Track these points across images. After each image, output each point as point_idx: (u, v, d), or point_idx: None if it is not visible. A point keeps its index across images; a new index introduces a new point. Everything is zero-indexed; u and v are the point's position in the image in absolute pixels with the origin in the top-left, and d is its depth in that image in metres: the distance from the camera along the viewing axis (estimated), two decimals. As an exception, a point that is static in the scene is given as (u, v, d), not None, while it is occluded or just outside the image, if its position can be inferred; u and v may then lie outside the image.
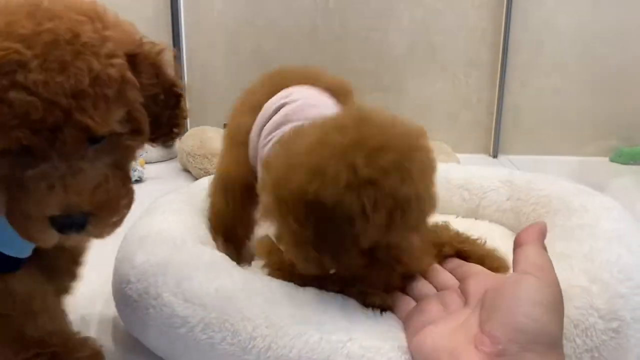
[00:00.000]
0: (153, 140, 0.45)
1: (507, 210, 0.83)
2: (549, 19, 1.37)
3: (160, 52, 0.43)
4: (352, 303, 0.48)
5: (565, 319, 0.45)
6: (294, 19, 1.44)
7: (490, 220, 0.85)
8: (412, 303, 0.50)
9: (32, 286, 0.48)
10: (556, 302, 0.41)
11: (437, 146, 1.26)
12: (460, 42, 1.41)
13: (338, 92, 0.68)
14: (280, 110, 0.62)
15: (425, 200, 0.45)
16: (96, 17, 0.39)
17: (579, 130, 1.44)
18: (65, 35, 0.36)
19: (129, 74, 0.39)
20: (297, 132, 0.49)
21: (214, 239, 0.66)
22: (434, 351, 0.41)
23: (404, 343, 0.45)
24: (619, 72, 1.39)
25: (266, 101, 0.65)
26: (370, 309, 0.49)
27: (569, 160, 1.40)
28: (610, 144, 1.43)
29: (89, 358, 0.49)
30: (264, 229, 0.59)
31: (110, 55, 0.38)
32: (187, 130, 1.37)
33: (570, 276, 0.51)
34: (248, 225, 0.70)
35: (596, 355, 0.47)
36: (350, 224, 0.43)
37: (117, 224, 0.41)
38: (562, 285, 0.48)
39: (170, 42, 1.43)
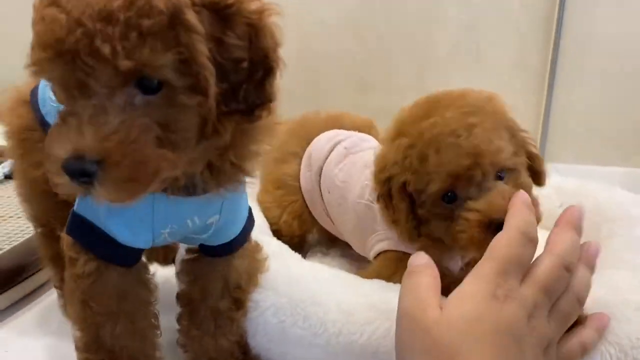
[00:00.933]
0: (227, 113, 0.36)
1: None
2: (600, 25, 1.35)
3: (264, 13, 0.36)
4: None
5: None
6: (339, 17, 1.46)
7: (541, 227, 0.85)
8: None
9: (129, 288, 0.45)
10: None
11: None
12: (508, 44, 1.40)
13: (365, 129, 0.75)
14: (337, 147, 0.69)
15: (462, 141, 0.48)
16: None
17: (628, 140, 1.39)
18: None
19: (190, 16, 0.32)
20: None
21: None
22: None
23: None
24: (671, 80, 1.36)
25: (300, 150, 0.73)
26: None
27: (617, 170, 1.37)
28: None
29: None
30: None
31: None
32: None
33: None
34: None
35: None
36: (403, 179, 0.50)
37: (135, 190, 0.34)
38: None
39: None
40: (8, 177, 1.01)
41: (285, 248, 0.58)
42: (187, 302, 0.50)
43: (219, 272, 0.49)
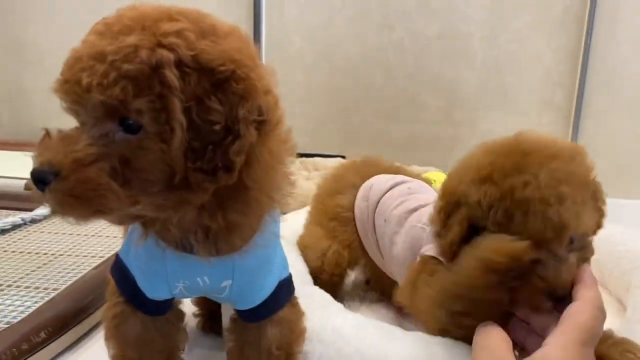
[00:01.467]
0: (193, 169, 0.37)
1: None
2: (625, 64, 1.37)
3: (254, 88, 0.38)
4: (463, 347, 0.51)
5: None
6: (368, 55, 1.50)
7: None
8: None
9: (149, 337, 0.49)
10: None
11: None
12: (535, 83, 1.43)
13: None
14: (399, 186, 0.72)
15: (550, 211, 0.47)
16: (206, 27, 0.38)
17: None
18: (139, 16, 0.37)
19: (168, 72, 0.35)
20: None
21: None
22: None
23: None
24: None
25: (358, 181, 0.76)
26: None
27: (644, 205, 1.38)
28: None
29: None
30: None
31: (162, 45, 0.36)
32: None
33: None
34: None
35: None
36: (475, 215, 0.50)
37: (75, 206, 0.36)
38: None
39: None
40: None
41: (328, 299, 0.61)
42: (232, 341, 0.52)
43: (252, 339, 0.50)
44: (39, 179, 0.36)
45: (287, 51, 1.53)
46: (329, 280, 0.71)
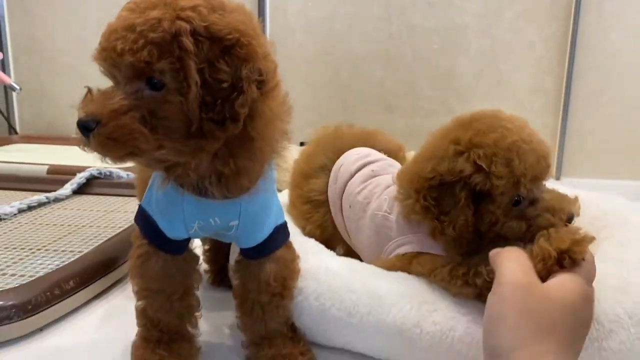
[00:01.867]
0: (206, 119, 0.44)
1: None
2: (611, 50, 1.44)
3: (255, 52, 0.45)
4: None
5: (621, 311, 0.54)
6: (369, 48, 1.58)
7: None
8: None
9: (170, 273, 0.56)
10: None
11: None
12: (526, 71, 1.50)
13: (395, 151, 0.81)
14: (364, 169, 0.74)
15: (534, 146, 0.55)
16: (216, 3, 0.45)
17: (639, 156, 1.48)
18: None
19: (185, 39, 0.43)
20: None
21: None
22: None
23: (479, 318, 0.55)
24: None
25: (329, 163, 0.77)
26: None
27: (630, 184, 1.44)
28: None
29: (187, 354, 0.58)
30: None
31: (180, 18, 0.43)
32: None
33: (627, 277, 0.58)
34: None
35: None
36: (465, 185, 0.55)
37: (113, 148, 0.44)
38: (621, 284, 0.57)
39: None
40: (76, 192, 1.15)
41: (321, 247, 0.69)
42: (237, 295, 0.61)
43: (253, 273, 0.58)
44: (84, 126, 0.44)
45: (290, 45, 1.61)
46: None
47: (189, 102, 0.44)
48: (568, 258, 0.49)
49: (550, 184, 0.61)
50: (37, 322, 0.65)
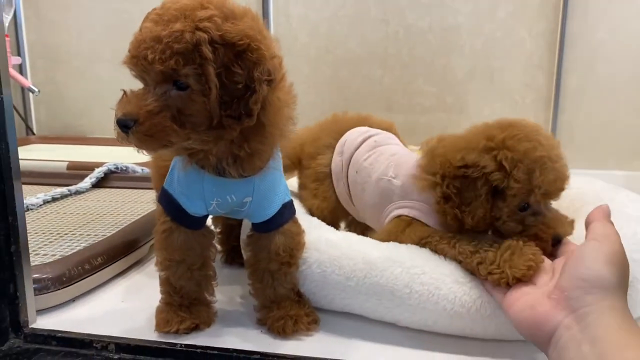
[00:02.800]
0: (225, 116, 0.52)
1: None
2: (599, 46, 1.50)
3: (264, 55, 0.52)
4: (425, 251, 0.66)
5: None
6: (367, 48, 1.65)
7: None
8: None
9: (190, 245, 0.63)
10: (615, 258, 0.50)
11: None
12: (518, 67, 1.57)
13: (387, 129, 0.89)
14: (368, 140, 0.83)
15: (557, 167, 0.61)
16: (228, 12, 0.52)
17: (628, 146, 1.53)
18: (182, 7, 0.51)
19: (205, 47, 0.50)
20: (443, 136, 0.70)
21: None
22: (521, 310, 0.54)
23: (460, 279, 0.62)
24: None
25: (333, 142, 0.86)
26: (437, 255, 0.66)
27: (619, 174, 1.51)
28: (660, 159, 1.53)
29: (205, 317, 0.66)
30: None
31: (199, 28, 0.50)
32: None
33: None
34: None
35: None
36: (486, 183, 0.62)
37: (151, 142, 0.52)
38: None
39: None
40: (95, 185, 1.23)
41: (323, 223, 0.76)
42: (249, 265, 0.68)
43: (264, 245, 0.65)
44: (124, 124, 0.52)
45: (293, 46, 1.68)
46: None
47: (211, 102, 0.51)
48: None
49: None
50: (70, 293, 0.73)
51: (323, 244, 0.68)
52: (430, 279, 0.62)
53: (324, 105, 1.68)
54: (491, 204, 0.63)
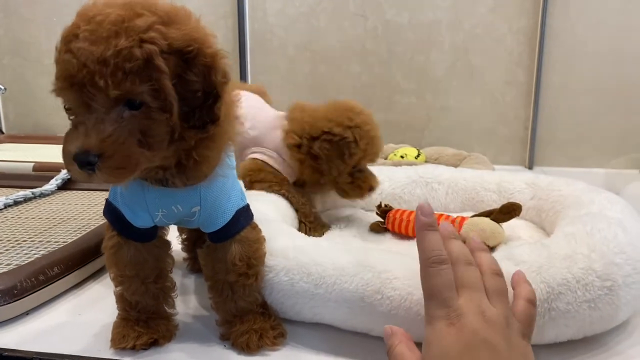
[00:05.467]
0: (188, 127, 0.49)
1: (531, 208, 0.96)
2: (580, 42, 1.49)
3: (217, 57, 0.49)
4: (396, 255, 0.63)
5: (569, 276, 0.59)
6: (346, 44, 1.62)
7: (518, 218, 0.98)
8: None
9: (142, 259, 0.59)
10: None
11: (475, 156, 1.39)
12: (498, 64, 1.55)
13: (256, 92, 1.04)
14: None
15: (379, 142, 0.92)
16: (165, 16, 0.47)
17: (609, 144, 1.52)
18: (116, 19, 0.45)
19: (158, 60, 0.45)
20: (302, 106, 0.96)
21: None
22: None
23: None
24: (648, 89, 1.49)
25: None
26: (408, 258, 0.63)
27: (600, 172, 1.50)
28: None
29: (164, 331, 0.62)
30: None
31: (144, 40, 0.45)
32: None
33: (575, 247, 0.63)
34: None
35: (592, 305, 0.58)
36: (347, 148, 0.88)
37: (123, 174, 0.47)
38: (568, 252, 0.62)
39: (238, 65, 1.64)
40: (60, 188, 1.18)
41: (293, 230, 0.73)
42: (208, 278, 0.64)
43: (220, 256, 0.61)
44: (87, 162, 0.45)
45: (271, 43, 1.65)
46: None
47: (174, 118, 0.47)
48: None
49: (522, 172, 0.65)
50: (23, 306, 0.69)
51: (291, 250, 0.65)
52: (403, 284, 0.59)
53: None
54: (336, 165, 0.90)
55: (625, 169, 1.50)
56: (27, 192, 1.10)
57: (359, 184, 0.93)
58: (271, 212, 0.82)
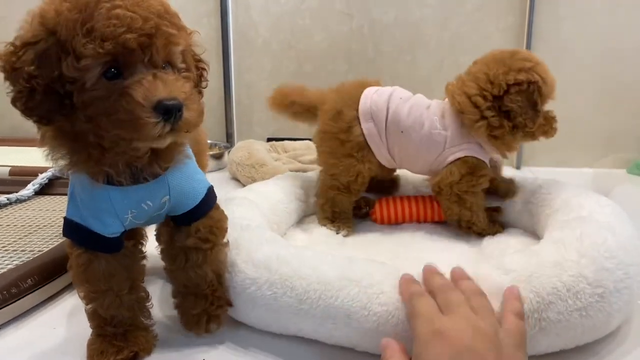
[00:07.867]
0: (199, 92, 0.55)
1: (522, 212, 0.95)
2: (565, 41, 1.48)
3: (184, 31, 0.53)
4: (383, 267, 0.61)
5: (559, 284, 0.57)
6: (332, 43, 1.60)
7: (508, 220, 0.97)
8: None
9: (114, 271, 0.57)
10: None
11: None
12: (485, 63, 1.53)
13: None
14: (392, 99, 0.92)
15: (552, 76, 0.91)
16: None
17: (597, 144, 1.52)
18: None
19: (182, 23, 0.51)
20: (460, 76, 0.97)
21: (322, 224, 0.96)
22: None
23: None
24: (635, 88, 1.48)
25: (356, 112, 0.93)
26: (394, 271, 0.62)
27: (587, 171, 1.49)
28: (627, 156, 1.50)
29: (143, 343, 0.60)
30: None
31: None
32: (235, 143, 1.54)
33: (564, 253, 0.61)
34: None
35: (584, 314, 0.57)
36: (538, 90, 0.88)
37: (200, 117, 0.50)
38: (558, 259, 0.60)
39: (221, 64, 1.61)
40: (38, 193, 1.15)
41: (277, 237, 0.70)
42: (165, 245, 0.63)
43: (182, 228, 0.61)
44: (178, 107, 0.46)
45: (255, 42, 1.61)
46: (359, 190, 0.95)
47: (190, 80, 0.52)
48: None
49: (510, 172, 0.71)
50: (-6, 321, 0.66)
51: (274, 261, 0.62)
52: (390, 299, 0.57)
53: (287, 102, 1.62)
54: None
55: (612, 168, 1.50)
56: (2, 198, 1.07)
57: (551, 123, 0.93)
58: (257, 216, 0.79)
